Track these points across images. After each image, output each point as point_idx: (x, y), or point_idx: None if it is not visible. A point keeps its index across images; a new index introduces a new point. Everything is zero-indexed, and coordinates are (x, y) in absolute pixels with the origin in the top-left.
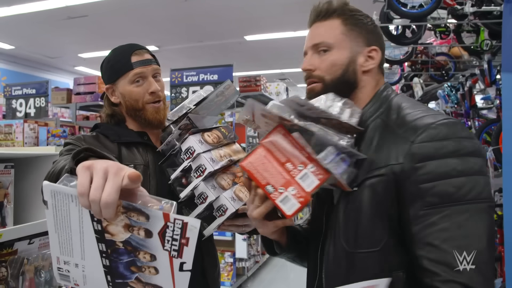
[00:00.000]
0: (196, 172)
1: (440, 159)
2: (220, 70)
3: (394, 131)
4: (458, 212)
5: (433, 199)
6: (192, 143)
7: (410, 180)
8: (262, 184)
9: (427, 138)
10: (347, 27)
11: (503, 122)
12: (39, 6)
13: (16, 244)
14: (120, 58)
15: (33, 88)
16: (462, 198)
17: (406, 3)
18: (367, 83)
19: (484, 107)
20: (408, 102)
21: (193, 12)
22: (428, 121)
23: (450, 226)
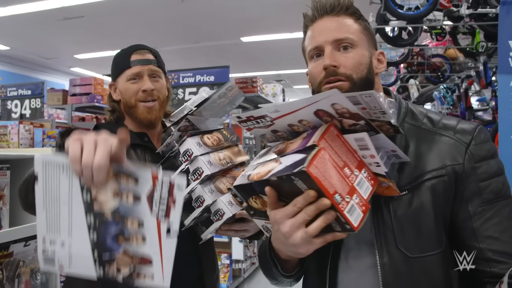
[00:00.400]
0: (194, 175)
1: (491, 159)
2: (217, 72)
3: (439, 133)
4: (504, 206)
5: (490, 196)
6: (190, 145)
7: (470, 179)
8: (330, 193)
9: (479, 141)
10: (361, 26)
11: (499, 123)
12: (35, 6)
13: (11, 246)
14: (121, 56)
15: (29, 89)
16: (505, 194)
17: (402, 5)
18: (378, 86)
19: (479, 109)
20: (420, 108)
21: (190, 13)
22: (470, 125)
23: (502, 219)
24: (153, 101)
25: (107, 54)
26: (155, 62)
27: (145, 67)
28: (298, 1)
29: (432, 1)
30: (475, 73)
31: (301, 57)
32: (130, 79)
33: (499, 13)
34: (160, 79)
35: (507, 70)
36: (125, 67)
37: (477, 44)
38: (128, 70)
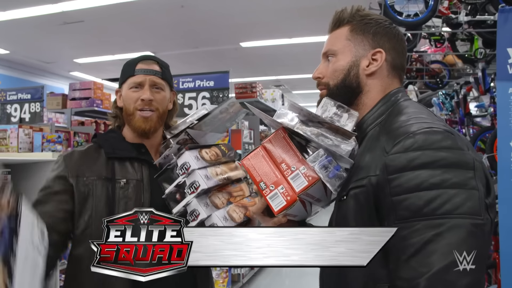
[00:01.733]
0: (190, 188)
1: (413, 171)
2: (216, 77)
3: (380, 139)
4: (427, 227)
5: (404, 213)
6: (188, 159)
7: (384, 192)
8: (256, 181)
9: (401, 149)
10: (352, 32)
11: (497, 130)
12: (35, 11)
13: None
14: (128, 64)
15: (28, 93)
16: (432, 213)
17: (401, 11)
18: (372, 87)
19: (478, 115)
20: (412, 108)
21: (189, 18)
22: (410, 129)
23: (418, 241)
24: (150, 111)
25: (106, 59)
26: (160, 73)
27: (147, 76)
28: (297, 7)
29: (431, 8)
30: (474, 79)
31: (300, 63)
32: (132, 87)
33: (498, 21)
34: (162, 91)
35: (505, 77)
36: (130, 75)
37: (475, 51)
38: (132, 78)
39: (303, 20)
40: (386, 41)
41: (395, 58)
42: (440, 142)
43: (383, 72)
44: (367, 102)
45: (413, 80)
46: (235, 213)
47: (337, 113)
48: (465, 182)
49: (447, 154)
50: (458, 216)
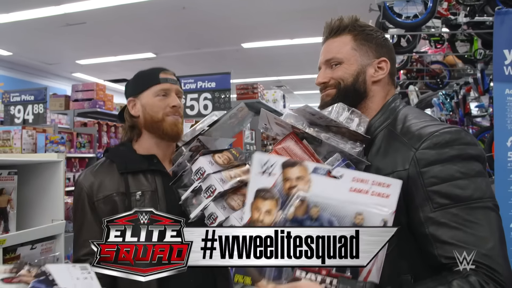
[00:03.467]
0: (206, 193)
1: (443, 163)
2: (218, 78)
3: (399, 140)
4: (466, 211)
5: (442, 201)
6: (203, 164)
7: (417, 184)
8: None
9: (430, 145)
10: (357, 42)
11: (494, 130)
12: (38, 13)
13: (19, 249)
14: (148, 74)
15: (32, 94)
16: (468, 198)
17: (400, 13)
18: (376, 93)
19: (478, 115)
20: (414, 113)
21: (191, 20)
22: (432, 129)
23: (460, 225)
24: (179, 117)
25: (108, 60)
26: (179, 83)
27: (173, 85)
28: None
29: (430, 9)
30: (473, 80)
31: (301, 63)
32: (158, 94)
33: (494, 23)
34: (181, 100)
35: (502, 78)
36: (154, 83)
37: (475, 52)
38: (158, 85)
39: (304, 21)
40: (386, 51)
41: (392, 67)
42: (460, 139)
43: (385, 80)
44: (372, 106)
45: (414, 81)
46: (234, 201)
47: (350, 117)
48: (482, 171)
49: (468, 148)
50: (487, 200)
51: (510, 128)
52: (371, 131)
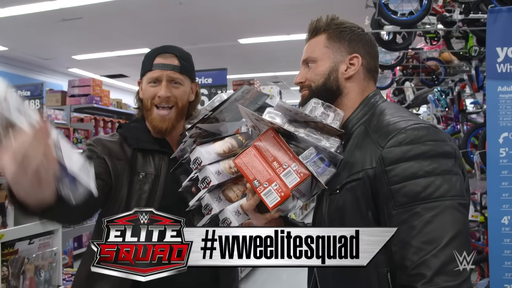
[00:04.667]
0: (202, 183)
1: (408, 161)
2: (215, 74)
3: (370, 137)
4: (426, 210)
5: (403, 199)
6: (199, 154)
7: (381, 182)
8: (250, 179)
9: (395, 143)
10: (330, 40)
11: (487, 127)
12: (34, 7)
13: (17, 244)
14: (148, 57)
15: (28, 90)
16: (429, 196)
17: (396, 10)
18: (351, 89)
19: (472, 112)
20: (391, 108)
21: (187, 15)
22: (399, 126)
23: (419, 223)
24: (169, 108)
25: (105, 55)
26: (178, 68)
27: (164, 72)
28: (295, 4)
29: (425, 7)
30: (468, 77)
31: (298, 59)
32: (150, 82)
33: (487, 21)
34: (181, 85)
35: (494, 76)
36: (148, 69)
37: (470, 48)
38: (150, 72)
39: (301, 17)
40: (361, 46)
41: (369, 62)
42: (427, 136)
43: (360, 76)
44: (347, 103)
45: (410, 77)
46: (232, 192)
47: (325, 112)
48: (451, 168)
49: (435, 146)
50: (450, 198)
51: (502, 125)
52: (349, 127)
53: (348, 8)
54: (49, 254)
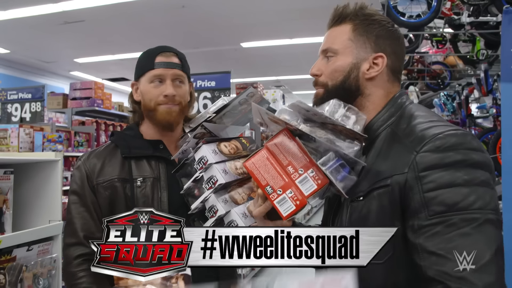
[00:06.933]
0: (208, 184)
1: (445, 169)
2: (218, 77)
3: (401, 141)
4: (464, 221)
5: (439, 208)
6: (205, 153)
7: (414, 190)
8: (262, 185)
9: (432, 148)
10: (355, 32)
11: (502, 131)
12: (36, 10)
13: (14, 250)
14: (146, 56)
15: (29, 92)
16: (468, 207)
17: (404, 12)
18: (373, 91)
19: (480, 116)
20: (421, 112)
21: (190, 18)
22: (436, 131)
23: (455, 235)
24: (175, 105)
25: (107, 59)
26: (180, 66)
27: (169, 70)
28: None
29: (434, 9)
30: (476, 80)
31: (300, 63)
32: (152, 81)
33: (502, 22)
34: (183, 84)
35: (510, 78)
36: (149, 68)
37: (477, 52)
38: (152, 71)
39: (304, 21)
40: (388, 44)
41: (395, 62)
42: (466, 144)
43: (383, 77)
44: (368, 105)
45: (414, 81)
46: (238, 194)
47: (346, 115)
48: (489, 181)
49: (474, 154)
50: (489, 212)
51: None
52: (373, 129)
53: None
54: (48, 261)
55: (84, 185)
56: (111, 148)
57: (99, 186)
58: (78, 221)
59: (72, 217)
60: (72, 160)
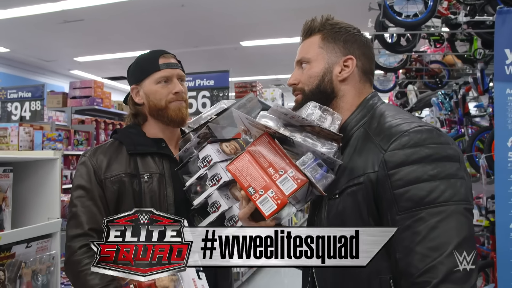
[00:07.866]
0: (212, 181)
1: (412, 165)
2: (217, 76)
3: (372, 140)
4: (431, 215)
5: (407, 204)
6: (210, 152)
7: (384, 187)
8: (244, 187)
9: (399, 146)
10: (324, 40)
11: (495, 130)
12: (36, 9)
13: (13, 247)
14: (148, 59)
15: (29, 91)
16: (434, 201)
17: (401, 12)
18: (346, 92)
19: (477, 115)
20: (391, 111)
21: (190, 17)
22: (403, 128)
23: (424, 228)
24: (183, 101)
25: (106, 57)
26: (180, 67)
27: (174, 71)
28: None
29: (430, 8)
30: (473, 79)
31: None
32: (159, 82)
33: (495, 23)
34: (184, 83)
35: (503, 78)
36: (154, 70)
37: (474, 51)
38: (158, 73)
39: (303, 20)
40: (356, 48)
41: (365, 63)
42: (431, 139)
43: (355, 78)
44: (343, 106)
45: (413, 80)
46: (238, 191)
47: (323, 116)
48: (456, 172)
49: (439, 149)
50: (455, 203)
51: (510, 128)
52: (347, 130)
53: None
54: (47, 258)
55: (91, 179)
56: (116, 145)
57: (107, 180)
58: (84, 214)
59: (77, 210)
60: (72, 158)
